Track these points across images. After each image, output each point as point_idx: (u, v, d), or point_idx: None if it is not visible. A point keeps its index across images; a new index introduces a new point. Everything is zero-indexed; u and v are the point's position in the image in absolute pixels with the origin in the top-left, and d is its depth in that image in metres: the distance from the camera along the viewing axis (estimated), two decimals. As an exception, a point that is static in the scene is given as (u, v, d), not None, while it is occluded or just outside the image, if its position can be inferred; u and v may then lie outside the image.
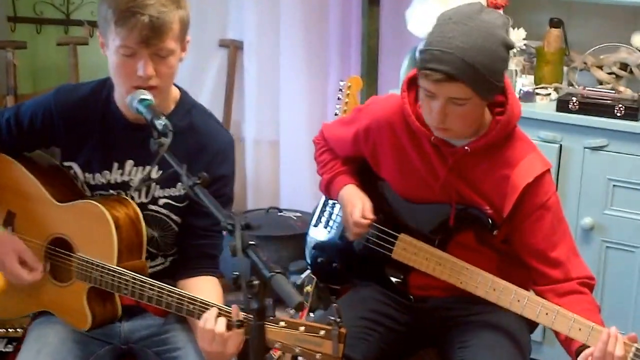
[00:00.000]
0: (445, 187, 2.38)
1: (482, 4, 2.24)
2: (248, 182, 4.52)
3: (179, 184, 2.36)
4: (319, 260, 2.67)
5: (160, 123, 2.03)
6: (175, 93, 2.40)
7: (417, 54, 2.24)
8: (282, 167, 4.43)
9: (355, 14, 4.05)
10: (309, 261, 2.71)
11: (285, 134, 4.32)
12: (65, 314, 2.36)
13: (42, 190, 2.38)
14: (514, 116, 2.33)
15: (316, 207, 2.78)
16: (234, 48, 4.47)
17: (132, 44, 2.14)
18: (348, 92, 3.26)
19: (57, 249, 2.36)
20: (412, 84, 2.36)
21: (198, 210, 2.32)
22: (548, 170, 2.37)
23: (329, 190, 2.61)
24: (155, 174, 2.35)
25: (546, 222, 2.33)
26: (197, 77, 4.51)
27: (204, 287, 2.33)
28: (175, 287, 2.26)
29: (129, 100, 2.15)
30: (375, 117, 2.47)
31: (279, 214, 4.16)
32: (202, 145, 2.36)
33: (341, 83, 3.29)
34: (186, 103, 2.41)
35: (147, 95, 2.15)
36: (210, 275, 2.40)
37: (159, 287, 2.20)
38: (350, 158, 2.60)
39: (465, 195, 2.37)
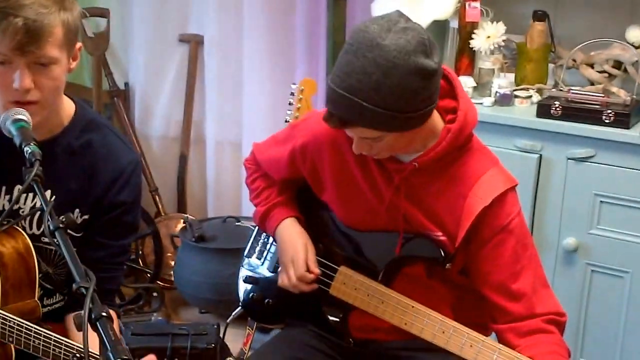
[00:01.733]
0: (391, 212, 2.06)
1: (401, 14, 1.90)
2: (209, 186, 4.20)
3: (76, 210, 2.09)
4: (251, 295, 2.34)
5: (27, 150, 1.74)
6: (69, 108, 2.11)
7: None
8: (244, 171, 4.07)
9: (323, 7, 3.73)
10: (240, 296, 2.37)
11: (248, 135, 3.98)
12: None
13: None
14: (468, 123, 2.00)
15: (250, 236, 2.43)
16: (194, 43, 4.14)
17: (5, 50, 1.87)
18: (301, 96, 2.93)
19: None
20: None
21: (92, 241, 2.10)
22: (512, 188, 2.03)
23: (264, 224, 2.28)
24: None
25: (508, 248, 2.01)
26: (155, 74, 4.21)
27: None
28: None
29: (2, 119, 1.86)
30: (313, 133, 2.14)
31: (237, 224, 3.81)
32: (101, 167, 2.11)
33: (293, 86, 2.97)
34: (83, 119, 2.12)
35: (22, 115, 1.85)
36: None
37: (45, 336, 1.91)
38: (288, 181, 2.27)
39: (413, 221, 2.05)
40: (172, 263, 3.92)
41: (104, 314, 1.38)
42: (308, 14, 3.79)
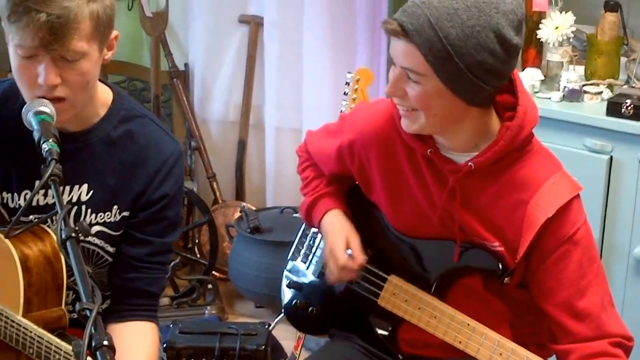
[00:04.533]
0: (444, 218, 1.93)
1: None
2: (268, 174, 4.09)
3: (115, 206, 1.98)
4: (295, 302, 2.22)
5: (44, 148, 1.63)
6: (105, 96, 1.99)
7: None
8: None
9: (385, -9, 3.59)
10: (283, 302, 2.27)
11: (309, 122, 3.85)
12: (-32, 365, 2.01)
13: None
14: (528, 121, 1.85)
15: (295, 236, 2.33)
16: (254, 25, 4.03)
17: (28, 45, 1.75)
18: (356, 86, 2.78)
19: None
20: None
21: (133, 237, 1.99)
22: (577, 196, 1.88)
23: (310, 215, 2.17)
24: (85, 195, 1.97)
25: (573, 261, 1.85)
26: (215, 56, 4.11)
27: (136, 339, 1.97)
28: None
29: (24, 110, 1.75)
30: (361, 129, 2.01)
31: (294, 215, 3.70)
32: (141, 158, 1.99)
33: (348, 75, 2.83)
34: (121, 108, 2.00)
35: (46, 108, 1.74)
36: (145, 320, 2.03)
37: (65, 353, 1.81)
38: (338, 177, 2.14)
39: (468, 229, 1.91)
40: (229, 253, 3.83)
41: (105, 342, 1.27)
42: (370, -1, 3.66)
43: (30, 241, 1.89)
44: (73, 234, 1.46)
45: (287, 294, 2.25)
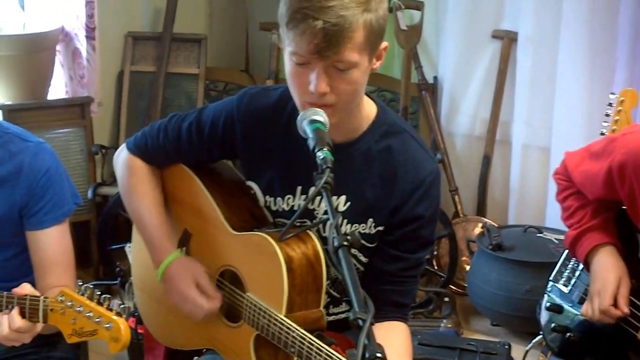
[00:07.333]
0: None
1: None
2: (511, 191, 4.03)
3: (370, 219, 2.00)
4: (553, 325, 2.16)
5: (319, 156, 1.65)
6: (369, 110, 2.00)
7: None
8: (552, 179, 3.87)
9: (651, 6, 3.43)
10: (541, 323, 2.22)
11: (558, 141, 3.78)
12: (231, 357, 2.07)
13: (217, 212, 2.07)
14: None
15: (558, 258, 2.27)
16: (508, 40, 3.99)
17: (302, 52, 1.78)
18: (620, 108, 2.67)
19: (226, 283, 2.07)
20: None
21: (387, 253, 2.00)
22: None
23: (574, 249, 2.10)
24: (343, 206, 1.99)
25: None
26: (465, 70, 4.11)
27: (389, 334, 1.95)
28: None
29: (299, 118, 1.78)
30: (634, 151, 1.92)
31: (538, 234, 3.63)
32: (399, 174, 1.98)
33: (611, 96, 2.72)
34: (384, 122, 2.01)
35: (320, 117, 1.76)
36: (397, 320, 2.03)
37: (326, 354, 1.82)
38: (604, 203, 2.05)
39: None
40: (467, 268, 3.81)
41: (379, 354, 1.26)
42: (633, 16, 3.52)
43: (293, 243, 1.92)
44: (345, 243, 1.47)
45: (545, 316, 2.21)
